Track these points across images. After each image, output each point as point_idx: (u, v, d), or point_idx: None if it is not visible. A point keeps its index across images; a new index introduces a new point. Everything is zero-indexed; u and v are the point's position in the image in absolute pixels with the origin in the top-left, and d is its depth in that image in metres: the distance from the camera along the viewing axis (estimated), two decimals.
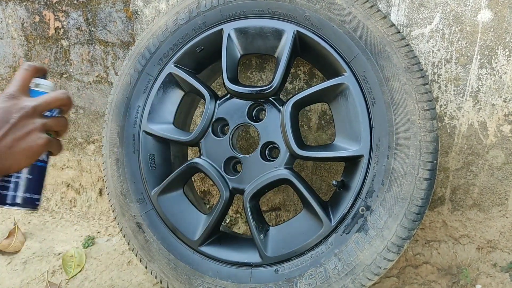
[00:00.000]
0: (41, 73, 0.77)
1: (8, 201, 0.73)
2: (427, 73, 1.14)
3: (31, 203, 0.75)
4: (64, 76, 1.72)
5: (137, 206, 1.17)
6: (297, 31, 1.03)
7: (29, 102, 0.70)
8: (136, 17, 1.46)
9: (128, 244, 1.18)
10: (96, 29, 1.58)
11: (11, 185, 0.73)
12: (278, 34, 1.05)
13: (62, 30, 1.64)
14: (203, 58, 1.18)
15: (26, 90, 0.74)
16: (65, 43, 1.66)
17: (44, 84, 0.77)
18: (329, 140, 1.33)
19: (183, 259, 1.10)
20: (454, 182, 1.21)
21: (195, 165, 1.13)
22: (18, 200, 0.73)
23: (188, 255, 1.10)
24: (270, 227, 1.06)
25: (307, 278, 0.96)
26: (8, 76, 1.84)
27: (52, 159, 1.87)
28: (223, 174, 1.12)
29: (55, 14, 1.63)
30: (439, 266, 1.27)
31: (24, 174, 0.74)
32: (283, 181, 1.04)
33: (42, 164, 0.77)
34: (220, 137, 1.14)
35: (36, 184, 0.76)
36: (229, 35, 1.10)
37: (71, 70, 1.69)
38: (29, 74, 0.74)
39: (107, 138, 1.24)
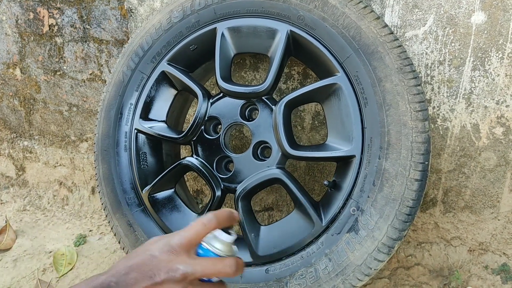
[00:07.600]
0: (228, 224, 0.67)
1: None
2: (420, 75, 1.14)
3: None
4: (58, 73, 1.71)
5: (128, 205, 1.16)
6: (291, 30, 1.02)
7: (183, 266, 0.60)
8: (131, 15, 1.45)
9: (119, 242, 1.17)
10: (91, 27, 1.57)
11: None
12: (271, 34, 1.05)
13: (56, 27, 1.64)
14: (197, 57, 1.18)
15: (192, 248, 0.63)
16: (59, 40, 1.65)
17: (220, 240, 0.64)
18: (322, 141, 1.33)
19: None
20: (446, 184, 1.21)
21: (187, 163, 1.13)
22: None
23: None
24: (261, 227, 1.05)
25: (297, 278, 0.95)
26: (2, 73, 1.83)
27: (45, 157, 1.86)
28: (215, 173, 1.11)
29: (50, 11, 1.63)
30: (431, 268, 1.27)
31: None
32: (275, 181, 1.04)
33: None
34: (212, 136, 1.14)
35: None
36: (222, 34, 1.10)
37: (65, 67, 1.68)
38: (204, 230, 0.63)
39: (99, 136, 1.23)
